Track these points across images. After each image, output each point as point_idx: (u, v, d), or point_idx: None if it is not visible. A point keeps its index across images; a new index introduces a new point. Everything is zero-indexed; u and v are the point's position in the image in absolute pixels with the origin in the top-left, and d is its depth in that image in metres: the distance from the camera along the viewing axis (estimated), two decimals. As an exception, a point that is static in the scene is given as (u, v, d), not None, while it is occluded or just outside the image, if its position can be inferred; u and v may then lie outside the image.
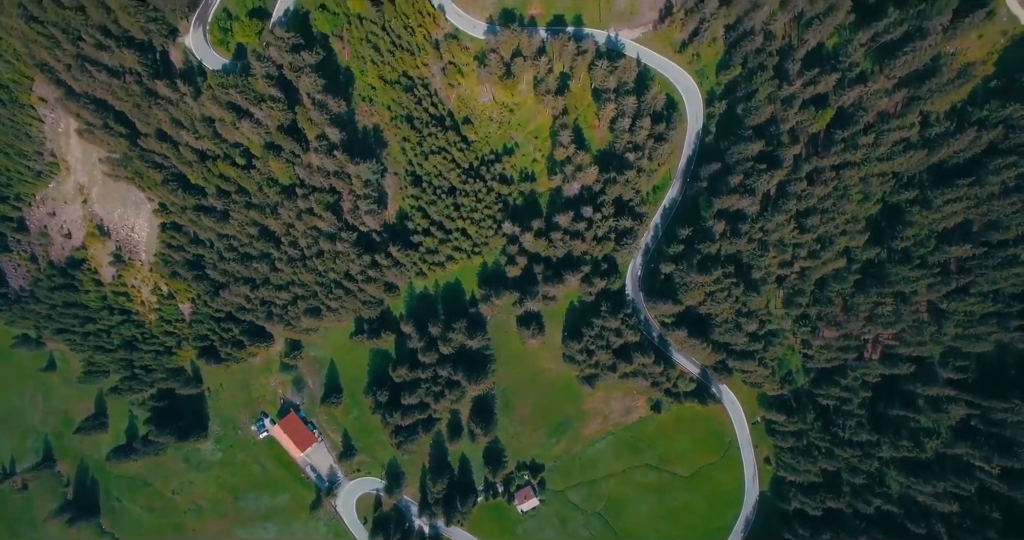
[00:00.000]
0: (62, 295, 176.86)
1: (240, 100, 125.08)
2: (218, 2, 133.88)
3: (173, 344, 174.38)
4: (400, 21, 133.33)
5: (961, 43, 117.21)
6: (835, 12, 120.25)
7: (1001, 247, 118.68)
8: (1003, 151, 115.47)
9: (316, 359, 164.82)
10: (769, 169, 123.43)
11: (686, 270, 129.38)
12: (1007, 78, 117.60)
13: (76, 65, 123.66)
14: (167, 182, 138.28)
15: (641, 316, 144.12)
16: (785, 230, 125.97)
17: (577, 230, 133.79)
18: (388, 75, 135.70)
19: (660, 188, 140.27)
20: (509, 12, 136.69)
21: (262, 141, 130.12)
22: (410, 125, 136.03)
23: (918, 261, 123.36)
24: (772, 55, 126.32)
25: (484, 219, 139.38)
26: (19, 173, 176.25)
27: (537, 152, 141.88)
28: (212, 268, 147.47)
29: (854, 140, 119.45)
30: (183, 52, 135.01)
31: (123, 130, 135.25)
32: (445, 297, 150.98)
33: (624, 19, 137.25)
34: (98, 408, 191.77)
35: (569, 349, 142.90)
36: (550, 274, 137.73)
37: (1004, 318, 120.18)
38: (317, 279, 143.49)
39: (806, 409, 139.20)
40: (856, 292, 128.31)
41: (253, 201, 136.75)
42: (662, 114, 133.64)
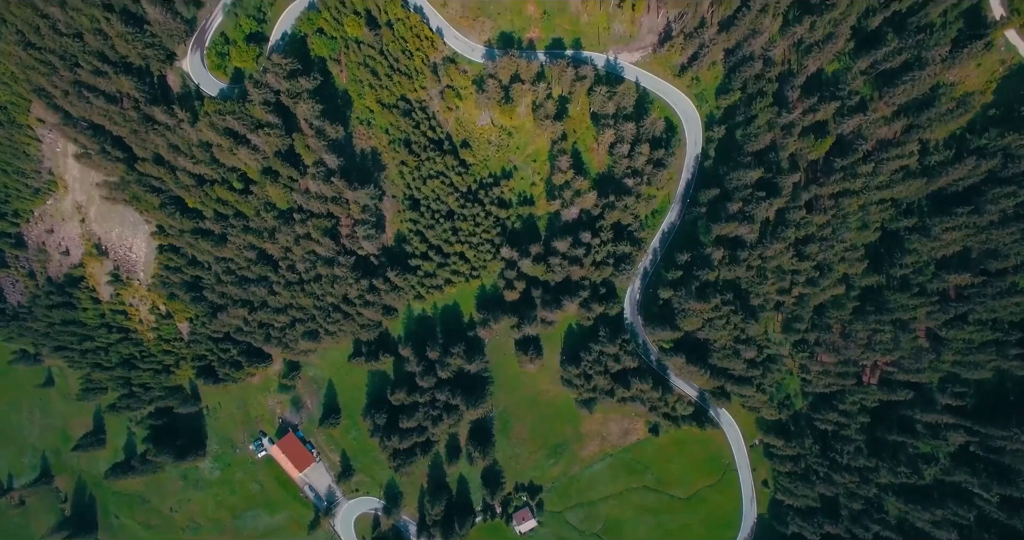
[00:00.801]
0: (60, 313, 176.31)
1: (237, 126, 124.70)
2: (215, 26, 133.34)
3: (171, 363, 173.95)
4: (398, 45, 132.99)
5: (960, 72, 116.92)
6: (835, 39, 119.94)
7: (1000, 276, 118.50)
8: (1002, 180, 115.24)
9: (315, 379, 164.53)
10: (768, 197, 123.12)
11: (684, 297, 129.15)
12: (1006, 107, 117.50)
13: (73, 91, 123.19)
14: (164, 206, 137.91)
15: (640, 340, 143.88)
16: (784, 258, 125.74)
17: (575, 256, 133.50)
18: (386, 99, 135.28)
19: (659, 212, 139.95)
20: (507, 36, 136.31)
21: (259, 166, 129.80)
22: (408, 149, 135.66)
23: (917, 289, 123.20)
24: (771, 81, 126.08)
25: (482, 243, 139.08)
26: (17, 190, 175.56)
27: (536, 175, 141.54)
28: (210, 290, 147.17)
29: (853, 169, 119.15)
30: (180, 76, 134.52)
31: (120, 154, 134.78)
32: (443, 319, 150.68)
33: (623, 42, 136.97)
34: (96, 424, 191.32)
35: (567, 373, 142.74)
36: (548, 299, 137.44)
37: (1003, 346, 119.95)
38: (315, 303, 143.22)
39: (804, 434, 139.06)
40: (854, 319, 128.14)
41: (251, 225, 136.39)
42: (661, 139, 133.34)
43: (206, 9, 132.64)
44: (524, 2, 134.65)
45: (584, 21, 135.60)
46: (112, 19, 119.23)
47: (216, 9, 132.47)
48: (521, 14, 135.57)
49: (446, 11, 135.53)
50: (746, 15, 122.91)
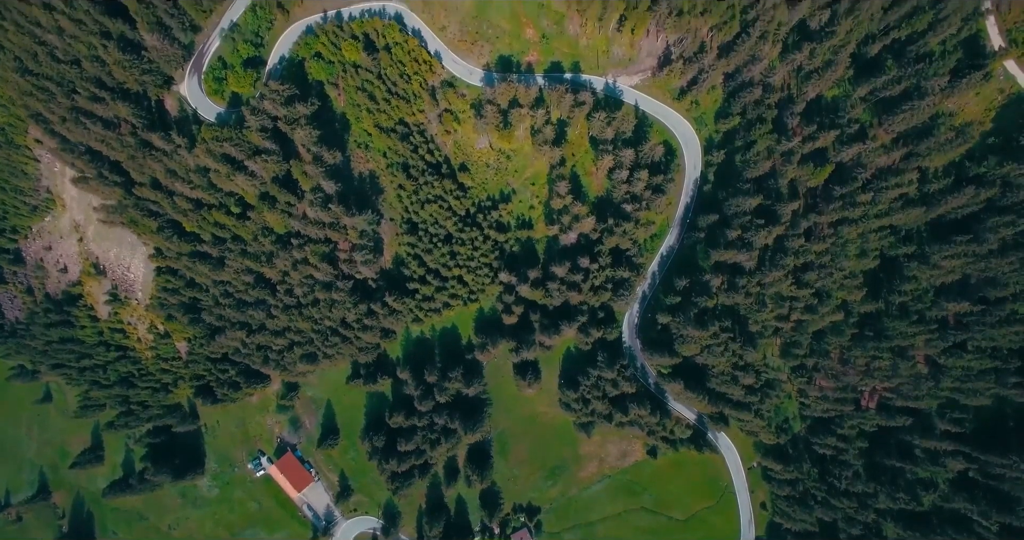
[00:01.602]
0: (58, 331, 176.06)
1: (234, 152, 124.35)
2: (213, 51, 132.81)
3: (170, 381, 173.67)
4: (396, 69, 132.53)
5: (959, 100, 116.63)
6: (834, 67, 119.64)
7: (999, 304, 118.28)
8: (1001, 208, 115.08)
9: (313, 399, 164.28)
10: (767, 224, 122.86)
11: (682, 323, 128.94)
12: (1004, 135, 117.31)
13: (71, 118, 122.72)
14: (162, 229, 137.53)
15: (638, 363, 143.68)
16: (783, 285, 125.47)
17: (574, 281, 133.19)
18: (384, 123, 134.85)
19: (658, 236, 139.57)
20: (506, 59, 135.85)
21: (257, 192, 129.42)
22: (406, 174, 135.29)
23: (916, 316, 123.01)
24: (771, 107, 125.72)
25: (480, 267, 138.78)
26: (15, 207, 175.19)
27: (534, 198, 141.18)
28: (208, 312, 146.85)
29: (852, 197, 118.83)
30: (178, 100, 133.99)
31: (118, 179, 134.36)
32: (442, 341, 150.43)
33: (622, 66, 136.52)
34: (94, 440, 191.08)
35: (565, 397, 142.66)
36: (547, 323, 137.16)
37: (1002, 374, 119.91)
38: (313, 326, 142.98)
39: (802, 458, 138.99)
40: (853, 345, 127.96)
41: (248, 250, 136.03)
42: (660, 164, 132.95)
43: (203, 33, 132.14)
44: (523, 26, 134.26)
45: (583, 44, 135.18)
46: (109, 46, 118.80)
47: (213, 34, 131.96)
48: (520, 38, 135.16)
49: (444, 35, 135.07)
50: (745, 41, 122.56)
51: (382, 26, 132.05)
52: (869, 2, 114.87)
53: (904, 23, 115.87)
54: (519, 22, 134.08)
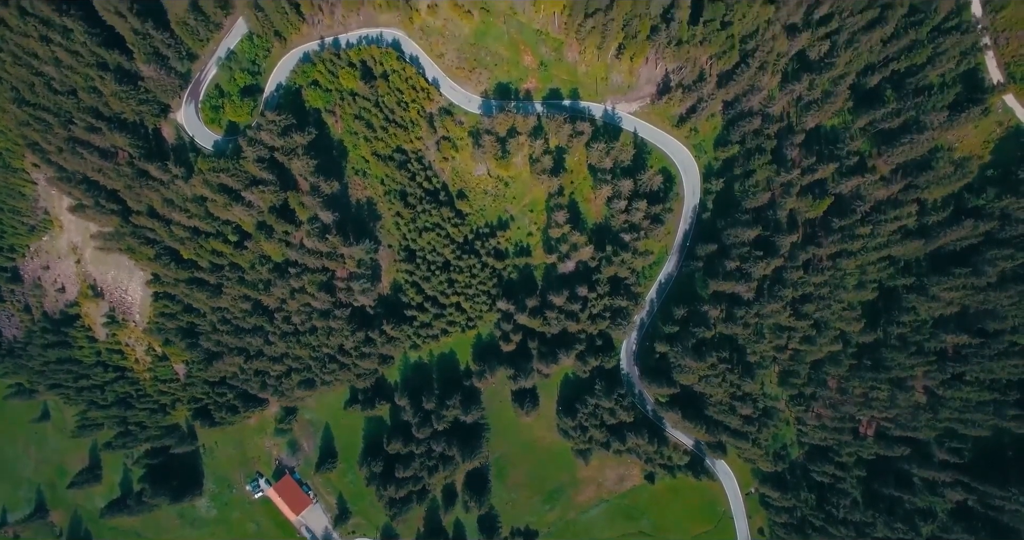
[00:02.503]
0: (55, 352, 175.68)
1: (231, 183, 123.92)
2: (209, 78, 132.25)
3: (167, 403, 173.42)
4: (393, 97, 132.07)
5: (958, 132, 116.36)
6: (833, 98, 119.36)
7: (997, 336, 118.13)
8: (1000, 242, 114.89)
9: (311, 422, 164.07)
10: (766, 256, 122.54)
11: (680, 353, 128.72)
12: (1003, 168, 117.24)
13: (67, 148, 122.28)
14: (159, 256, 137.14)
15: (636, 390, 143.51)
16: (781, 316, 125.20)
17: (572, 311, 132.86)
18: (381, 150, 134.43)
19: (656, 263, 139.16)
20: (504, 86, 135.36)
21: (254, 221, 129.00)
22: (403, 202, 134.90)
23: (914, 348, 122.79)
24: (770, 137, 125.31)
25: (478, 294, 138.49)
26: (12, 227, 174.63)
27: (532, 225, 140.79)
28: (206, 338, 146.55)
29: (852, 230, 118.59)
30: (175, 128, 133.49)
31: (115, 207, 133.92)
32: (440, 366, 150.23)
33: (621, 93, 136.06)
34: (92, 459, 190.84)
35: (564, 423, 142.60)
36: (545, 351, 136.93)
37: (1000, 405, 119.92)
38: (311, 353, 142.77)
39: (800, 485, 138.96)
40: (851, 376, 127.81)
41: (246, 277, 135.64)
42: (659, 193, 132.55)
43: (201, 61, 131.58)
44: (521, 53, 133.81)
45: (582, 71, 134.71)
46: (106, 78, 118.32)
47: (210, 62, 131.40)
48: (518, 65, 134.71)
49: (442, 62, 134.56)
50: (745, 71, 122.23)
51: (379, 54, 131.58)
52: (868, 35, 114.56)
53: (903, 56, 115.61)
54: (517, 49, 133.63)
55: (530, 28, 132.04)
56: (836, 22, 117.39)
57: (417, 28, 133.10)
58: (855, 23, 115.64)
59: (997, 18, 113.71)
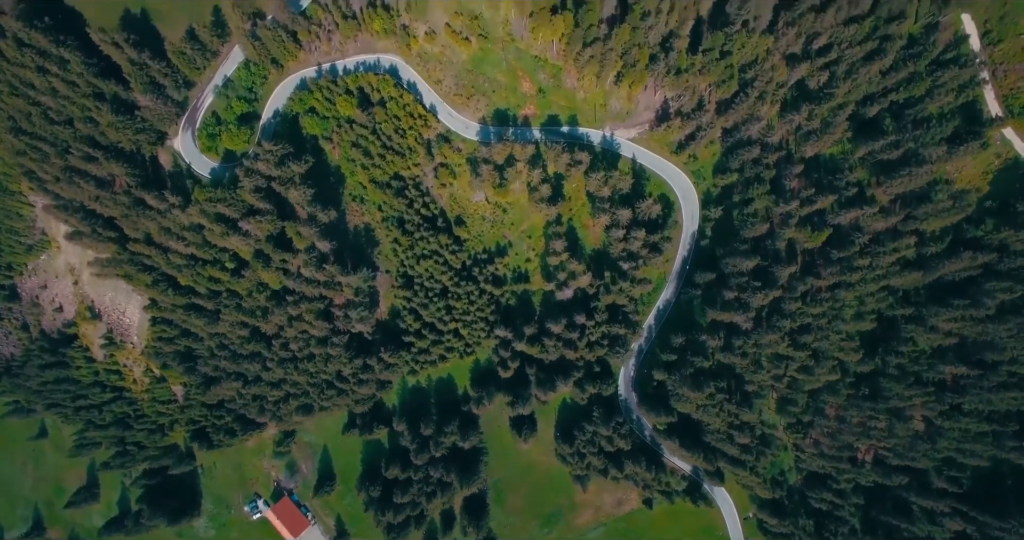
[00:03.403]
0: (53, 372, 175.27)
1: (228, 212, 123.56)
2: (206, 105, 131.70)
3: (166, 423, 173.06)
4: (391, 124, 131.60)
5: (956, 164, 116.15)
6: (832, 128, 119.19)
7: (996, 367, 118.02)
8: (999, 273, 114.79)
9: (310, 445, 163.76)
10: (764, 287, 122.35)
11: (678, 382, 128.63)
12: (1001, 199, 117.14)
13: (64, 177, 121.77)
14: (157, 283, 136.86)
15: (633, 415, 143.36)
16: (779, 346, 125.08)
17: (570, 339, 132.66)
18: (379, 177, 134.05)
19: (655, 290, 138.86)
20: (502, 113, 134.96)
21: (251, 250, 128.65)
22: (401, 229, 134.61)
23: (913, 378, 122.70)
24: (769, 167, 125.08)
25: (476, 321, 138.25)
26: (10, 246, 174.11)
27: (531, 251, 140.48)
28: (204, 363, 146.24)
29: (850, 262, 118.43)
30: (172, 155, 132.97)
31: (112, 234, 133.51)
32: (438, 391, 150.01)
33: (620, 119, 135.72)
34: (90, 477, 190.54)
35: (562, 449, 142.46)
36: (543, 378, 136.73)
37: (1000, 437, 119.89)
38: (309, 379, 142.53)
39: (798, 512, 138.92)
40: (849, 405, 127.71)
41: (244, 305, 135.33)
42: (657, 221, 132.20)
43: (197, 88, 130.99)
44: (519, 79, 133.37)
45: (580, 98, 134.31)
46: (103, 108, 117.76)
47: (207, 89, 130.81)
48: (516, 91, 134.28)
49: (440, 88, 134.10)
50: (744, 101, 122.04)
51: (377, 81, 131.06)
52: (867, 67, 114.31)
53: (902, 87, 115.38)
54: (515, 76, 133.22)
55: (528, 55, 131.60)
56: (835, 53, 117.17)
57: (415, 54, 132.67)
58: (854, 55, 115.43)
59: (995, 51, 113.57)
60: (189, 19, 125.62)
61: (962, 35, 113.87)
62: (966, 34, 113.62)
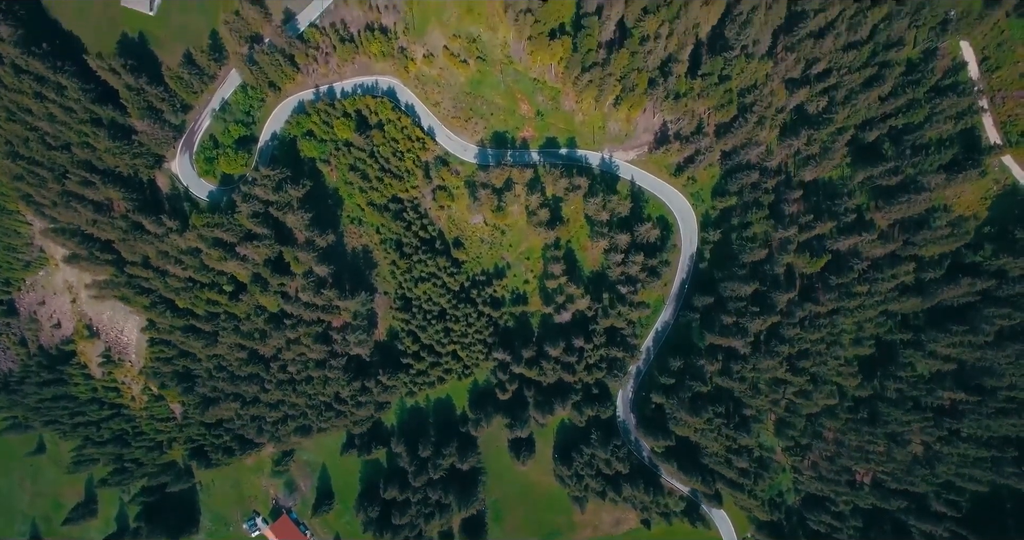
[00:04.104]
0: (51, 390, 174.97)
1: (226, 237, 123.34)
2: (204, 128, 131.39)
3: (164, 441, 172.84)
4: (388, 147, 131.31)
5: (955, 190, 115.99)
6: (831, 154, 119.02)
7: (994, 393, 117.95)
8: (998, 299, 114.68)
9: (308, 463, 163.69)
10: (762, 313, 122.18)
11: (677, 406, 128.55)
12: (1000, 225, 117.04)
13: (61, 202, 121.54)
14: (155, 305, 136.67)
15: (632, 437, 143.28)
16: (777, 371, 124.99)
17: (568, 362, 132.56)
18: (377, 200, 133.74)
19: (653, 312, 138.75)
20: (500, 135, 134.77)
21: (249, 274, 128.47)
22: (399, 252, 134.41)
23: (911, 403, 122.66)
24: (768, 191, 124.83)
25: (474, 343, 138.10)
26: (8, 263, 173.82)
27: (529, 273, 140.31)
28: (202, 384, 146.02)
29: (849, 288, 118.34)
30: (169, 178, 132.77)
31: (109, 257, 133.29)
32: (436, 411, 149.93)
33: (618, 141, 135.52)
34: (88, 493, 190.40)
35: (560, 471, 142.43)
36: (541, 400, 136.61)
37: (999, 462, 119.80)
38: (308, 401, 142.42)
39: (796, 534, 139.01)
40: (848, 429, 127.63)
41: (242, 327, 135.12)
42: (656, 244, 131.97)
43: (195, 111, 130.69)
44: (517, 102, 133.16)
45: (579, 120, 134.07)
46: (100, 134, 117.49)
47: (204, 112, 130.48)
48: (514, 114, 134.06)
49: (438, 110, 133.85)
50: (743, 126, 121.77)
51: (374, 103, 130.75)
52: (867, 93, 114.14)
53: (901, 113, 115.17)
54: (514, 98, 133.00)
55: (526, 77, 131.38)
56: (834, 78, 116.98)
57: (413, 76, 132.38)
58: (853, 80, 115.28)
59: (993, 77, 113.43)
60: (186, 43, 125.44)
61: (960, 62, 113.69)
62: (964, 61, 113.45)
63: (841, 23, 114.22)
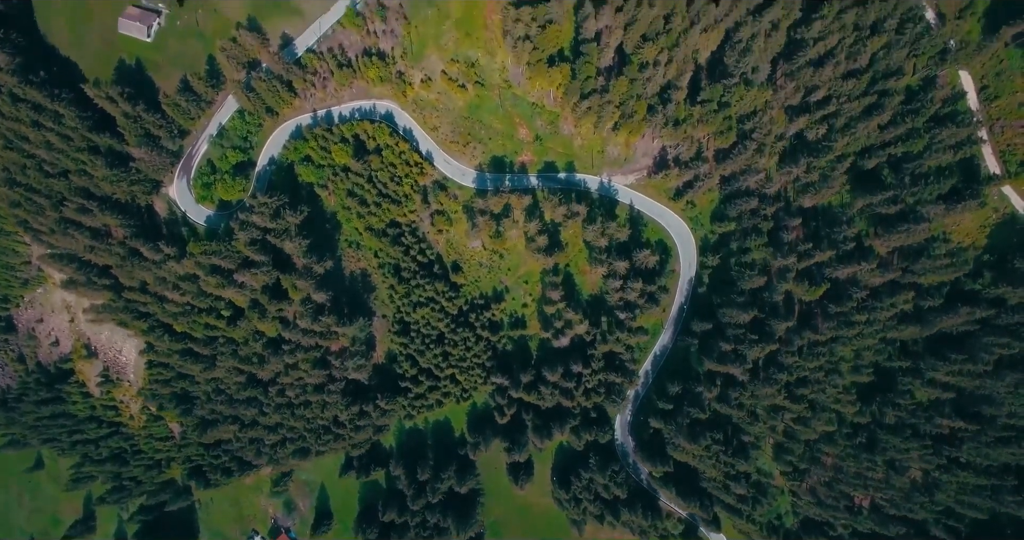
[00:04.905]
0: (49, 409, 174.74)
1: (224, 264, 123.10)
2: (201, 153, 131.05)
3: (163, 459, 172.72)
4: (386, 172, 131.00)
5: (954, 219, 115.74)
6: (831, 182, 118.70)
7: (993, 421, 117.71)
8: (997, 328, 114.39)
9: (307, 483, 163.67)
10: (761, 341, 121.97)
11: (675, 432, 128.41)
12: (999, 253, 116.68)
13: (59, 229, 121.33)
14: (153, 329, 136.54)
15: (630, 460, 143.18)
16: (776, 399, 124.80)
17: (567, 388, 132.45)
18: (375, 224, 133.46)
19: (652, 335, 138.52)
20: (499, 159, 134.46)
21: (247, 300, 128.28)
22: (397, 277, 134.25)
23: (910, 431, 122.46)
24: (767, 218, 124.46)
25: (473, 367, 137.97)
26: (6, 280, 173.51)
27: (527, 296, 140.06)
28: (200, 406, 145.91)
29: (848, 317, 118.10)
30: (167, 203, 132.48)
31: (107, 282, 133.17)
32: (435, 432, 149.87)
33: (617, 165, 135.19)
34: (86, 510, 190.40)
35: (558, 494, 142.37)
36: (539, 424, 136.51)
37: (998, 490, 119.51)
38: (306, 425, 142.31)
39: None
40: (846, 456, 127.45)
41: (240, 352, 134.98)
42: (655, 270, 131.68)
43: (192, 136, 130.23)
44: (516, 126, 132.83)
45: (578, 144, 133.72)
46: (97, 162, 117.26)
47: (202, 136, 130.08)
48: (513, 138, 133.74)
49: (436, 135, 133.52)
50: (742, 153, 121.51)
51: (372, 129, 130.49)
52: (866, 122, 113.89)
53: (900, 142, 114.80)
54: (512, 122, 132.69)
55: (525, 101, 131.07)
56: (834, 106, 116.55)
57: (410, 101, 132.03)
58: (852, 109, 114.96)
59: (991, 106, 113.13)
60: (183, 69, 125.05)
61: (960, 91, 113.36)
62: (964, 90, 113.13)
63: (841, 51, 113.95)
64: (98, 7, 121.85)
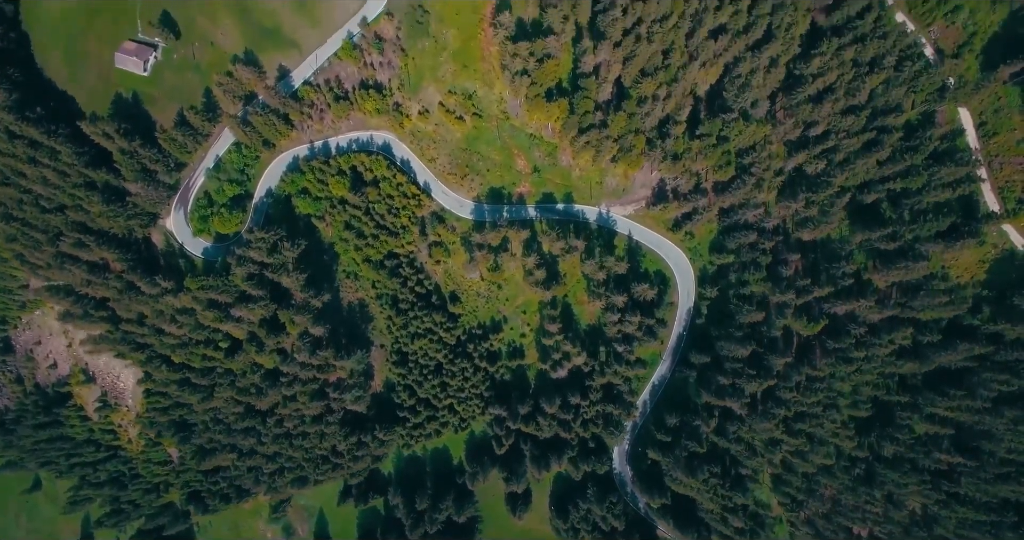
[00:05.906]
0: (47, 432, 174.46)
1: (221, 298, 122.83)
2: (198, 185, 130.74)
3: (161, 484, 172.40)
4: (384, 204, 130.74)
5: (954, 255, 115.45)
6: (830, 217, 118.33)
7: (992, 456, 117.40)
8: (996, 364, 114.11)
9: (305, 508, 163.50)
10: (759, 376, 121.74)
11: (673, 465, 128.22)
12: (998, 289, 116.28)
13: (56, 264, 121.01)
14: (151, 360, 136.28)
15: (628, 489, 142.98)
16: (774, 432, 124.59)
17: (565, 420, 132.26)
18: (373, 256, 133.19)
19: (651, 365, 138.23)
20: (497, 191, 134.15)
21: (245, 333, 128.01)
22: (395, 308, 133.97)
23: (908, 465, 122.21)
24: (765, 253, 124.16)
25: (471, 397, 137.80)
26: (4, 303, 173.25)
27: (525, 326, 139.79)
28: (198, 435, 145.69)
29: (846, 353, 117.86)
30: (164, 235, 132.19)
31: (104, 314, 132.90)
32: (433, 461, 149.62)
33: (616, 196, 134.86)
34: (84, 532, 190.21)
35: (556, 523, 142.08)
36: (537, 454, 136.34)
37: (998, 526, 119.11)
38: (304, 454, 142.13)
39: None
40: (844, 489, 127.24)
41: (238, 383, 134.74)
42: (653, 303, 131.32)
43: (189, 168, 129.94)
44: (514, 157, 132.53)
45: (576, 176, 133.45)
46: (93, 198, 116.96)
47: (199, 169, 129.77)
48: (511, 169, 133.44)
49: (434, 166, 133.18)
50: (741, 187, 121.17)
51: (369, 160, 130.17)
52: (865, 158, 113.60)
53: (899, 178, 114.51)
54: (510, 154, 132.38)
55: (523, 132, 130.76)
56: (833, 141, 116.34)
57: (408, 132, 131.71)
58: (851, 145, 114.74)
59: (990, 143, 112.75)
60: (180, 102, 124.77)
61: (958, 128, 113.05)
62: (962, 127, 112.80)
63: (840, 87, 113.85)
64: (95, 42, 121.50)
